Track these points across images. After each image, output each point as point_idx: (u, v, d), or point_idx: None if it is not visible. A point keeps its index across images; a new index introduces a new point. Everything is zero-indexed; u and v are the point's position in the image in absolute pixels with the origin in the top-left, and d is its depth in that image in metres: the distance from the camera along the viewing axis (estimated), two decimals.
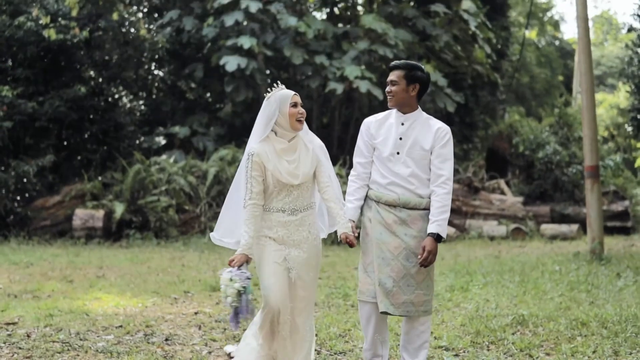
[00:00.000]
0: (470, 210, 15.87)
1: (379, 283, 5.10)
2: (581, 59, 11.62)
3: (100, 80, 16.67)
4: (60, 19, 15.83)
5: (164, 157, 16.02)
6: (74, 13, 15.56)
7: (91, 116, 16.29)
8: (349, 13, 19.74)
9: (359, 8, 20.21)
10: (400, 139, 5.31)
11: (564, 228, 15.43)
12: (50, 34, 15.07)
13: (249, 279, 4.71)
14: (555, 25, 36.62)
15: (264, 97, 5.15)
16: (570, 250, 12.28)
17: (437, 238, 5.12)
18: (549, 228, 15.58)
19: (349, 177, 5.50)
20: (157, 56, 17.90)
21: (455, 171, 17.17)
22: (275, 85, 5.16)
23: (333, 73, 16.33)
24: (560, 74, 33.83)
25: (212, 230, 4.84)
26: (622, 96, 32.43)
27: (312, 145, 5.23)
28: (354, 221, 5.28)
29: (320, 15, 19.81)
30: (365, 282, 5.25)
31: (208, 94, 19.13)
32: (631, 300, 7.48)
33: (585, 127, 11.10)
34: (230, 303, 4.64)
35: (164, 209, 14.69)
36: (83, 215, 14.45)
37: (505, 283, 8.75)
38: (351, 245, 5.08)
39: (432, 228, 5.15)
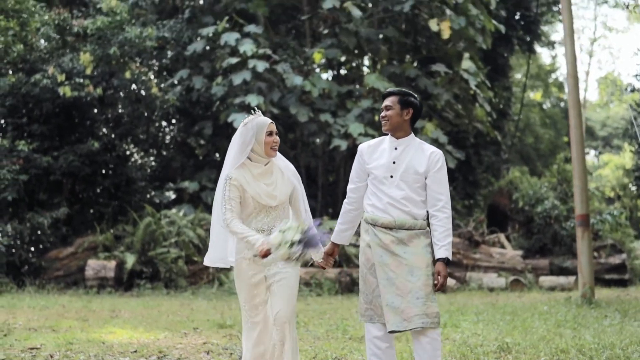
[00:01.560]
0: (471, 263, 16.45)
1: (386, 304, 5.25)
2: (571, 113, 12.40)
3: (113, 136, 17.37)
4: (75, 77, 16.55)
5: (173, 210, 16.69)
6: (88, 71, 16.45)
7: (104, 171, 17.00)
8: (353, 73, 20.68)
9: (364, 69, 21.18)
10: (394, 162, 5.44)
11: (561, 280, 15.93)
12: (65, 91, 15.86)
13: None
14: (560, 86, 37.54)
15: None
16: (564, 298, 12.89)
17: (446, 262, 5.28)
18: (547, 280, 16.08)
19: (343, 203, 5.69)
20: (167, 114, 18.70)
21: (456, 225, 17.82)
22: (252, 111, 5.48)
23: (337, 130, 17.10)
24: (565, 134, 34.62)
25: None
26: (627, 157, 33.18)
27: (287, 171, 5.52)
28: (337, 245, 5.61)
29: (326, 76, 20.72)
30: (366, 307, 5.43)
31: (217, 151, 19.89)
32: (612, 334, 8.06)
33: (575, 178, 11.80)
34: (296, 242, 4.85)
35: (174, 260, 15.35)
36: (95, 266, 15.11)
37: (495, 320, 9.35)
38: (323, 268, 5.58)
39: (440, 253, 5.31)
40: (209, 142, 19.29)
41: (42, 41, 17.79)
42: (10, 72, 16.85)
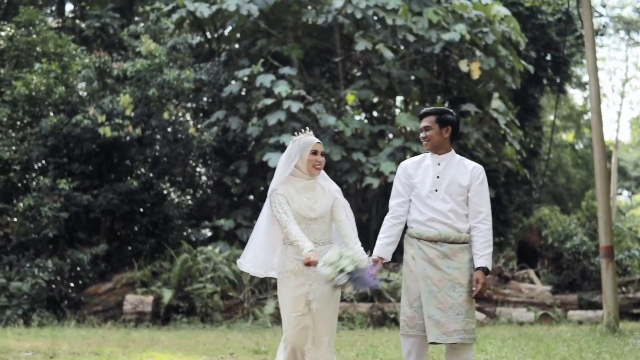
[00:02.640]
0: (501, 298, 16.67)
1: (427, 315, 5.38)
2: (595, 149, 12.73)
3: (151, 175, 17.81)
4: (114, 117, 16.99)
5: (209, 247, 17.09)
6: (128, 112, 16.88)
7: (142, 209, 17.38)
8: (385, 114, 21.15)
9: (396, 110, 21.64)
10: (438, 177, 5.63)
11: (590, 314, 16.10)
12: (105, 131, 16.26)
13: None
14: (591, 127, 37.64)
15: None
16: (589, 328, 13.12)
17: (486, 271, 5.46)
18: (576, 314, 16.27)
19: (386, 217, 5.83)
20: (204, 154, 19.14)
21: None
22: (303, 130, 5.82)
23: (369, 169, 17.52)
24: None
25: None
26: None
27: (329, 185, 5.79)
28: (382, 258, 5.65)
29: (359, 118, 21.19)
30: (409, 317, 5.54)
31: (252, 190, 20.30)
32: (632, 357, 8.31)
33: (600, 211, 12.12)
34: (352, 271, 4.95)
35: (210, 295, 15.71)
36: (133, 301, 15.53)
37: (520, 346, 9.66)
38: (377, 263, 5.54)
39: (480, 262, 5.49)
40: (244, 181, 19.74)
41: (83, 83, 18.30)
42: (52, 113, 17.27)
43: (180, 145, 18.08)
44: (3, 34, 20.45)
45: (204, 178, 20.09)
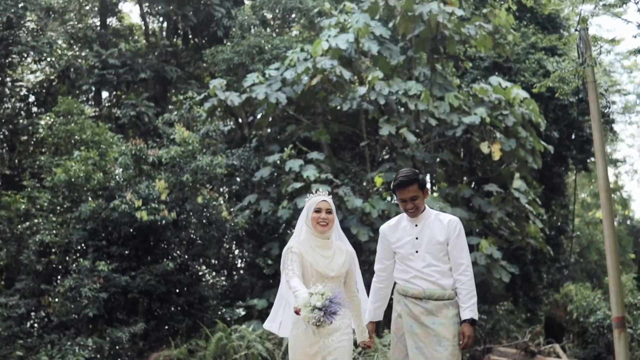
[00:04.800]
0: None
1: None
2: (605, 224, 13.82)
3: (186, 257, 18.74)
4: (150, 202, 17.74)
5: (243, 326, 17.97)
6: (163, 197, 17.84)
7: (177, 289, 18.27)
8: None
9: None
10: (417, 238, 5.87)
11: None
12: (142, 215, 17.07)
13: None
14: (623, 204, 38.57)
15: None
16: None
17: (471, 322, 5.71)
18: None
19: (372, 281, 6.14)
20: (237, 236, 20.02)
21: (514, 337, 19.03)
22: (315, 191, 6.20)
23: None
24: (630, 251, 35.45)
25: None
26: None
27: (346, 248, 6.10)
28: (373, 322, 6.05)
29: (386, 201, 22.37)
30: None
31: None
32: None
33: (611, 283, 13.12)
34: (319, 308, 5.15)
35: None
36: None
37: None
38: (369, 347, 6.00)
39: (466, 315, 5.72)
40: (276, 262, 20.63)
41: (120, 170, 19.14)
42: (91, 198, 18.17)
43: (214, 228, 18.97)
44: (43, 122, 22.06)
45: (237, 260, 21.17)
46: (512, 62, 23.85)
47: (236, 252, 21.15)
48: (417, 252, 5.90)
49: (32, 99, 25.79)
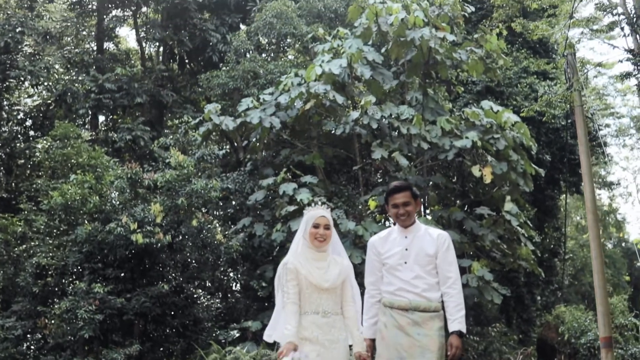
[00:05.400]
0: None
1: None
2: (592, 245, 14.26)
3: (181, 279, 18.96)
4: (146, 225, 18.04)
5: (238, 347, 18.04)
6: (159, 220, 18.05)
7: (172, 312, 18.52)
8: None
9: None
10: (406, 249, 6.02)
11: None
12: (137, 238, 17.33)
13: None
14: (618, 226, 38.95)
15: None
16: None
17: (459, 334, 5.81)
18: None
19: (364, 297, 6.24)
20: (232, 259, 20.13)
21: (506, 359, 19.32)
22: (314, 202, 6.43)
23: None
24: (625, 274, 35.81)
25: None
26: None
27: (342, 260, 6.16)
28: (370, 339, 6.11)
29: (379, 224, 22.67)
30: None
31: None
32: None
33: (598, 304, 13.56)
34: None
35: None
36: None
37: None
38: None
39: (454, 326, 5.83)
40: (270, 285, 20.82)
41: (116, 193, 19.53)
42: (87, 221, 18.48)
43: (209, 251, 19.30)
44: (40, 146, 22.45)
45: (232, 282, 21.42)
46: (505, 86, 24.31)
47: (231, 274, 21.38)
48: (406, 262, 6.05)
49: (29, 122, 26.21)
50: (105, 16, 29.24)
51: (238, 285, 21.72)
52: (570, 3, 15.99)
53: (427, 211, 22.01)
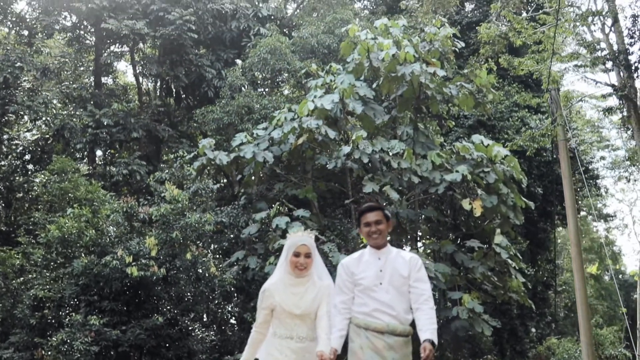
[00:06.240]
0: None
1: None
2: (576, 277, 14.79)
3: (176, 312, 19.33)
4: (141, 258, 18.51)
5: None
6: (153, 253, 18.53)
7: (167, 344, 18.81)
8: None
9: (406, 248, 23.59)
10: (381, 271, 6.16)
11: None
12: (133, 271, 17.77)
13: None
14: (614, 259, 39.37)
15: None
16: None
17: (432, 342, 5.86)
18: None
19: (332, 312, 6.28)
20: (226, 291, 20.50)
21: None
22: (301, 230, 6.36)
23: None
24: (621, 305, 36.16)
25: None
26: None
27: (321, 282, 6.31)
28: (337, 350, 6.17)
29: None
30: None
31: None
32: None
33: (582, 334, 14.08)
34: None
35: None
36: None
37: None
38: None
39: (427, 335, 5.90)
40: None
41: (112, 227, 20.02)
42: (83, 254, 18.85)
43: (203, 284, 19.67)
44: (38, 180, 22.98)
45: (226, 314, 21.77)
46: (496, 119, 24.87)
47: (225, 307, 21.73)
48: (381, 283, 6.20)
49: (28, 156, 26.70)
50: (103, 52, 29.90)
51: (232, 317, 22.07)
52: (555, 39, 16.60)
53: (419, 244, 22.43)
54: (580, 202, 26.86)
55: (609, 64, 16.68)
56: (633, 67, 16.87)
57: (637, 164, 32.50)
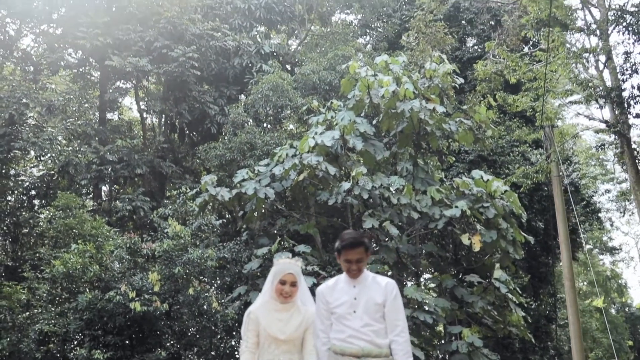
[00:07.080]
0: None
1: None
2: (570, 311, 15.25)
3: (178, 346, 19.68)
4: (144, 293, 18.89)
5: None
6: (156, 288, 18.90)
7: None
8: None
9: (408, 283, 23.97)
10: (355, 299, 6.09)
11: None
12: (136, 306, 18.18)
13: None
14: (620, 291, 39.61)
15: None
16: None
17: None
18: None
19: (316, 343, 6.28)
20: (228, 326, 20.86)
21: None
22: (289, 256, 6.55)
23: None
24: (627, 338, 36.41)
25: None
26: None
27: (306, 308, 6.30)
28: None
29: None
30: None
31: None
32: None
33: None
34: None
35: None
36: None
37: None
38: None
39: None
40: None
41: (116, 262, 20.36)
42: (88, 289, 19.28)
43: (205, 318, 20.03)
44: (43, 216, 23.43)
45: (228, 349, 22.12)
46: (497, 154, 25.31)
47: (231, 342, 22.00)
48: (355, 312, 6.14)
49: (33, 192, 27.17)
50: (107, 88, 30.50)
51: (235, 352, 22.41)
52: (549, 76, 17.14)
53: (421, 279, 22.79)
54: (584, 234, 27.20)
55: (602, 101, 17.18)
56: (625, 104, 17.34)
57: (629, 200, 32.96)
